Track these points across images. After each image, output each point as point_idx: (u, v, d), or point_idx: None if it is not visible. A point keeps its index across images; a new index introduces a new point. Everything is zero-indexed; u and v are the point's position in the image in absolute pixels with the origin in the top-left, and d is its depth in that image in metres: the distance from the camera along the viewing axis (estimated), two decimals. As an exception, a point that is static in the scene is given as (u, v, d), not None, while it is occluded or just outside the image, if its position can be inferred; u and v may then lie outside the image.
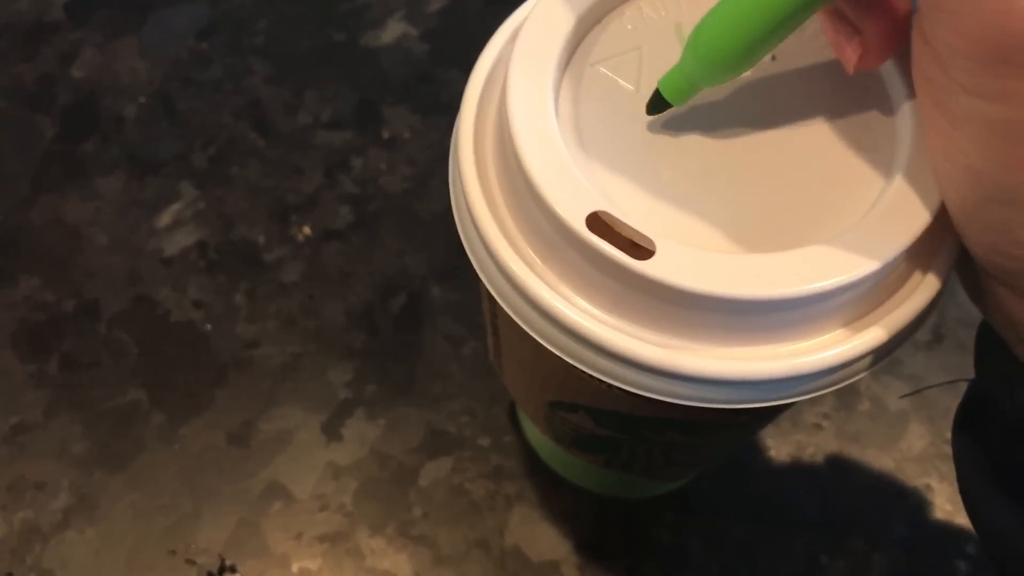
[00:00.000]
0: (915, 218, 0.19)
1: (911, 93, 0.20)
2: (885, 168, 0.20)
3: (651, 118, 0.21)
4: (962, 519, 0.40)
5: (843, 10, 0.19)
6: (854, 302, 0.19)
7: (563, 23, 0.21)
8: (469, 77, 0.23)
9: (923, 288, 0.20)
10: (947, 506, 0.41)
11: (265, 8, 0.53)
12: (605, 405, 0.24)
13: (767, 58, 0.22)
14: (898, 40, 0.19)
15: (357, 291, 0.45)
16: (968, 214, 0.17)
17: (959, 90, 0.15)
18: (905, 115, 0.20)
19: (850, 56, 0.19)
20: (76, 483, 0.41)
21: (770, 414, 0.24)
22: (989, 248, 0.17)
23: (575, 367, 0.20)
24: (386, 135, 0.49)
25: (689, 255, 0.18)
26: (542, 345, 0.20)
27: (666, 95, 0.21)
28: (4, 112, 0.50)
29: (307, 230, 0.47)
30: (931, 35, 0.15)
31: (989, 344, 0.20)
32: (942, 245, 0.20)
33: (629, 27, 0.22)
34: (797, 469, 0.41)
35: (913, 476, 0.41)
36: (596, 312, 0.20)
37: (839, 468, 0.41)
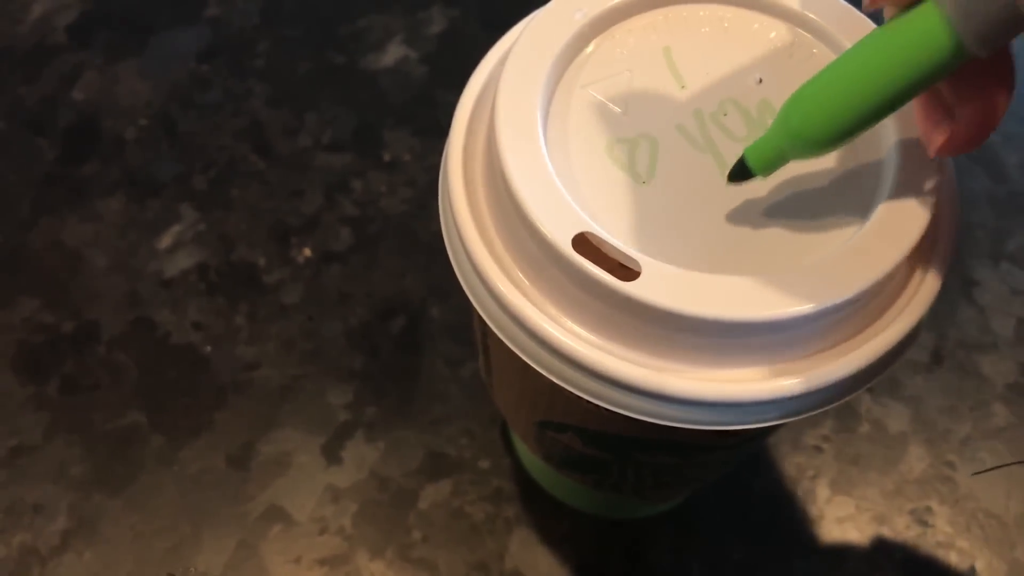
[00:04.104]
0: (902, 239, 0.19)
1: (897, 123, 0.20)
2: (871, 191, 0.20)
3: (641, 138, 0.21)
4: (962, 542, 0.40)
5: (942, 92, 0.18)
6: (841, 324, 0.19)
7: (552, 45, 0.22)
8: (459, 98, 0.23)
9: (911, 308, 0.20)
10: (947, 528, 0.40)
11: (265, 31, 0.54)
12: (593, 425, 0.24)
13: (754, 80, 0.22)
14: (990, 129, 0.18)
15: (357, 313, 0.45)
16: None
17: None
18: (889, 136, 0.20)
19: (936, 139, 0.18)
20: (75, 506, 0.41)
21: (760, 435, 0.24)
22: None
23: (562, 387, 0.20)
24: (386, 157, 0.49)
25: (675, 276, 0.18)
26: (530, 365, 0.20)
27: (752, 166, 0.20)
28: (5, 134, 0.51)
29: (307, 252, 0.47)
30: None
31: None
32: (926, 270, 0.20)
33: (618, 50, 0.23)
34: (797, 492, 0.41)
35: (913, 499, 0.41)
36: (583, 333, 0.20)
37: (839, 491, 0.41)
